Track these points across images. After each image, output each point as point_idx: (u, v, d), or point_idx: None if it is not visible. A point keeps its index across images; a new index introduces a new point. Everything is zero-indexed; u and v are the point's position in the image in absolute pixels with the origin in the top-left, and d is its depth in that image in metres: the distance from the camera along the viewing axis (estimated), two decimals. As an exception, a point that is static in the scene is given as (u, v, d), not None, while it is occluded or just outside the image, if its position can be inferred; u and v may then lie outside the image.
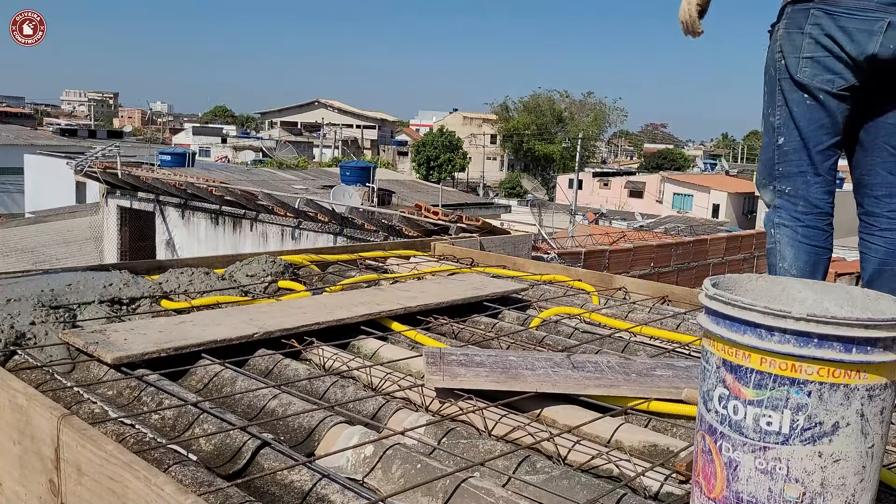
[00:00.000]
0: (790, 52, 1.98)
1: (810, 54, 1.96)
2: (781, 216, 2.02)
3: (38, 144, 28.84)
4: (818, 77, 1.97)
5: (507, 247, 4.88)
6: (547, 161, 53.08)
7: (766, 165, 2.06)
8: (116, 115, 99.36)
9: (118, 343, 2.00)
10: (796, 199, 2.00)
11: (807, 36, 1.97)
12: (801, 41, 1.97)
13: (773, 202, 2.03)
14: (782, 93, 2.00)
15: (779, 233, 2.02)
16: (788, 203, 2.01)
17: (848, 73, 1.98)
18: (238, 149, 45.30)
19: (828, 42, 1.95)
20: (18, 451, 1.63)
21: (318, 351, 2.22)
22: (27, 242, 16.28)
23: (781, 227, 2.02)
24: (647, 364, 2.09)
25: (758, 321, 1.12)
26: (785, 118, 2.00)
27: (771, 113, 2.04)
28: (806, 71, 1.97)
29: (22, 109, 65.66)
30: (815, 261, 1.99)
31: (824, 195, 2.01)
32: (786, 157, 2.01)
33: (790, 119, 1.99)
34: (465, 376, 1.87)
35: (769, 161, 2.05)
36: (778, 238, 2.02)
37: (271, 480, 1.44)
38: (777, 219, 2.02)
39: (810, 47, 1.96)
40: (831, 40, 1.95)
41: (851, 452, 1.12)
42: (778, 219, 2.02)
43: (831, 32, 1.95)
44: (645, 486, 1.46)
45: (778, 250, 2.02)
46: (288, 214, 10.95)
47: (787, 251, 2.00)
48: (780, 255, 2.02)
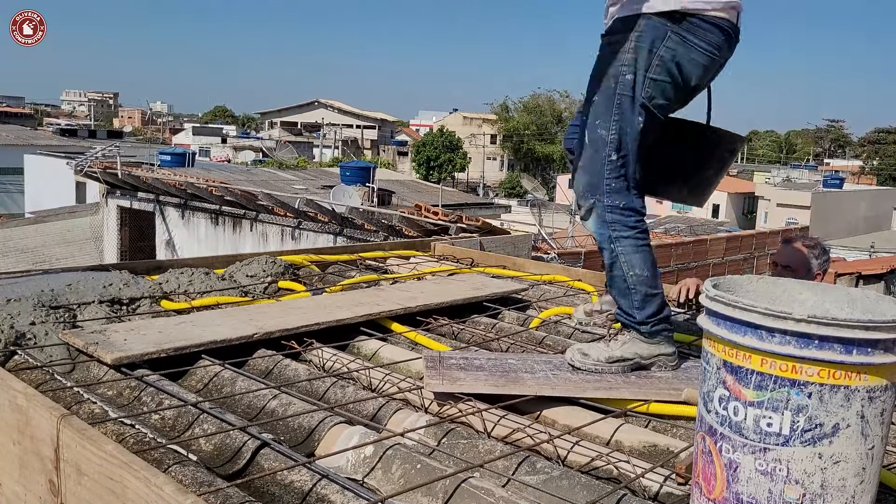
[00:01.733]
0: (639, 69, 1.96)
1: (655, 76, 1.96)
2: (617, 229, 2.03)
3: (38, 144, 28.83)
4: (655, 101, 1.98)
5: (507, 247, 4.88)
6: (547, 161, 53.08)
7: (594, 178, 2.02)
8: (116, 115, 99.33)
9: (118, 343, 2.00)
10: (628, 211, 2.03)
11: (657, 58, 1.95)
12: (651, 61, 1.96)
13: (604, 217, 2.03)
14: (620, 109, 1.98)
15: (619, 245, 2.03)
16: (621, 217, 2.03)
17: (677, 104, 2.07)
18: (238, 149, 45.29)
19: (674, 70, 1.97)
20: (18, 451, 1.63)
21: (317, 352, 2.22)
22: (27, 242, 16.28)
23: (621, 239, 2.03)
24: (647, 365, 2.09)
25: (758, 322, 1.12)
26: (620, 134, 1.98)
27: (604, 126, 2.00)
28: (648, 91, 1.97)
29: (22, 109, 65.64)
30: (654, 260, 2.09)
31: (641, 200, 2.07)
32: (618, 173, 2.01)
33: (625, 137, 1.99)
34: (464, 380, 1.86)
35: (598, 175, 2.01)
36: (620, 251, 2.04)
37: (271, 480, 1.44)
38: (613, 233, 2.04)
39: (657, 70, 1.96)
40: (678, 69, 1.97)
41: (851, 454, 1.12)
42: (615, 233, 2.04)
43: (681, 62, 1.96)
44: (645, 487, 1.46)
45: (623, 261, 2.04)
46: (288, 214, 10.95)
47: (634, 259, 2.03)
48: (627, 264, 2.04)
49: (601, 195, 2.02)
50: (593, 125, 2.03)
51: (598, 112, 2.02)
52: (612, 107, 1.99)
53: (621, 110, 1.98)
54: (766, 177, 51.57)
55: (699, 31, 1.95)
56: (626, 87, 1.97)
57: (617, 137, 1.98)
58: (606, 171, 1.99)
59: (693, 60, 1.97)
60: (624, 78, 1.97)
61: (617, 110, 1.99)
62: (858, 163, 71.67)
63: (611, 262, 2.06)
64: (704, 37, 1.96)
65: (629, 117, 1.98)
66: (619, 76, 1.98)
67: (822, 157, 79.25)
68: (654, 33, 1.95)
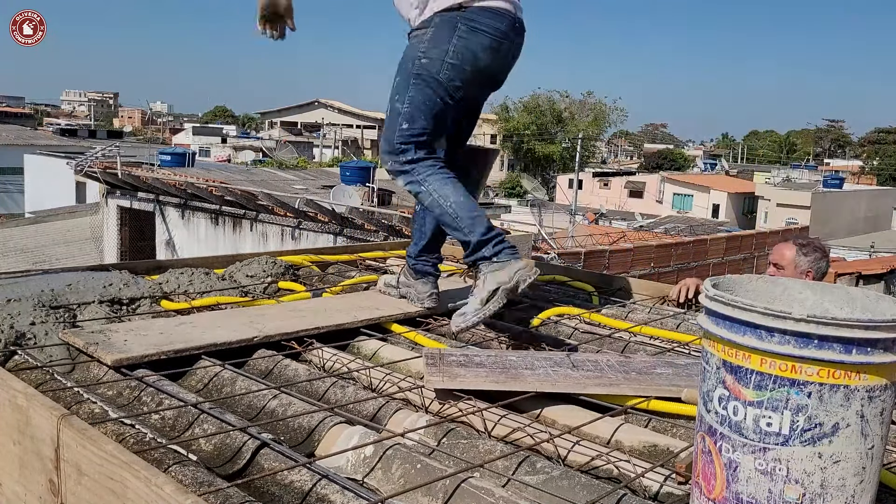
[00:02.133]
0: (435, 56, 2.29)
1: (452, 61, 2.28)
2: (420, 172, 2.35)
3: (38, 144, 28.81)
4: (453, 83, 2.30)
5: (507, 247, 4.88)
6: (547, 161, 53.06)
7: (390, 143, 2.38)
8: (116, 115, 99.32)
9: (118, 344, 2.00)
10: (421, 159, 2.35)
11: (452, 45, 2.27)
12: (447, 47, 2.28)
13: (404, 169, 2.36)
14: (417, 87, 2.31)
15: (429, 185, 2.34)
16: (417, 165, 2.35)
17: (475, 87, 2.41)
18: (238, 149, 45.26)
19: (468, 55, 2.29)
20: (18, 451, 1.63)
21: (317, 352, 2.22)
22: (27, 242, 16.28)
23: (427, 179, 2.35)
24: (646, 362, 2.09)
25: (758, 322, 1.12)
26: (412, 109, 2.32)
27: (399, 101, 2.35)
28: (446, 74, 2.28)
29: (22, 109, 65.60)
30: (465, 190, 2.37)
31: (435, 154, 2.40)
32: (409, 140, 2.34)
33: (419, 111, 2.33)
34: (464, 377, 1.87)
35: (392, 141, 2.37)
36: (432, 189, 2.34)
37: (271, 481, 1.44)
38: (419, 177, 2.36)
39: (452, 55, 2.28)
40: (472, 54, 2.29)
41: (851, 453, 1.12)
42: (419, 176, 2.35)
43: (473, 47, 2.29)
44: (645, 487, 1.46)
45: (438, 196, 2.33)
46: (288, 214, 10.95)
47: (446, 190, 2.33)
48: (443, 197, 2.33)
49: (397, 155, 2.36)
50: (393, 100, 2.39)
51: (399, 89, 2.37)
52: (408, 85, 2.33)
53: (417, 88, 2.32)
54: (766, 177, 51.57)
55: (483, 19, 2.28)
56: (423, 68, 2.30)
57: (409, 111, 2.33)
58: (401, 138, 2.34)
59: (482, 44, 2.29)
60: (420, 62, 2.31)
61: (412, 89, 2.33)
62: (858, 163, 71.70)
63: (430, 203, 2.36)
64: (489, 23, 2.29)
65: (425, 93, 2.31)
66: (416, 60, 2.31)
67: (822, 157, 79.25)
68: (447, 24, 2.29)
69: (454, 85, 2.31)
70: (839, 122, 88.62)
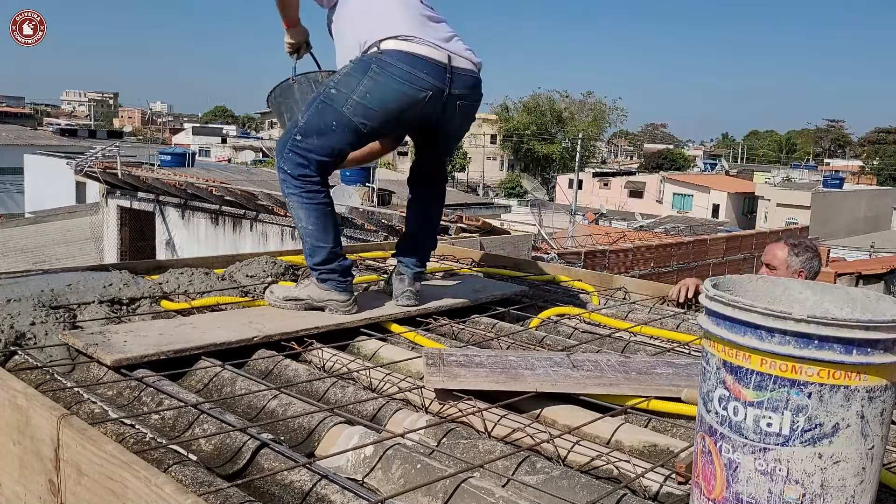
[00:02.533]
0: (344, 89, 2.41)
1: (358, 98, 2.38)
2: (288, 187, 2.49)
3: (38, 144, 28.80)
4: (357, 118, 2.41)
5: (507, 247, 4.89)
6: (547, 161, 53.06)
7: (281, 145, 2.51)
8: (116, 115, 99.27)
9: (118, 345, 2.00)
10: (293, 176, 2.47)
11: (362, 84, 2.38)
12: (357, 85, 2.39)
13: (280, 177, 2.51)
14: (318, 111, 2.45)
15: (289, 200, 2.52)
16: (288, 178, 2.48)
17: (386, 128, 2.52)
18: (238, 149, 45.28)
19: (378, 95, 2.38)
20: (18, 451, 1.63)
21: (317, 352, 2.22)
22: (27, 242, 16.27)
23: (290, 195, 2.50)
24: (646, 362, 2.09)
25: (758, 322, 1.12)
26: (307, 127, 2.45)
27: (302, 116, 2.48)
28: (350, 109, 2.39)
29: (22, 109, 65.58)
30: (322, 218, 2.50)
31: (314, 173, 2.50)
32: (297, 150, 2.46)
33: (314, 132, 2.45)
34: (464, 377, 1.87)
35: (282, 144, 2.50)
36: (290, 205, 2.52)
37: (271, 481, 1.44)
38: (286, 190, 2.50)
39: (361, 92, 2.38)
40: (381, 94, 2.38)
41: (851, 454, 1.12)
42: (286, 190, 2.50)
43: (382, 90, 2.38)
44: (645, 487, 1.46)
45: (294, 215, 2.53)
46: (288, 214, 10.92)
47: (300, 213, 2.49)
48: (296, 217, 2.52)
49: (282, 160, 2.48)
50: (299, 112, 2.55)
51: (306, 107, 2.51)
52: (311, 106, 2.47)
53: (318, 112, 2.45)
54: (766, 177, 51.58)
55: (394, 68, 2.37)
56: (330, 98, 2.43)
57: (305, 127, 2.45)
58: (289, 145, 2.46)
59: (394, 89, 2.38)
60: (329, 91, 2.45)
61: (314, 111, 2.45)
62: (858, 163, 71.69)
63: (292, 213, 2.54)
64: (398, 71, 2.37)
65: (325, 119, 2.43)
66: (327, 89, 2.46)
67: (822, 157, 79.25)
68: (362, 66, 2.40)
69: (360, 122, 2.41)
70: (839, 122, 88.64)
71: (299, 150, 2.45)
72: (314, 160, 2.46)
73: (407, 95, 2.39)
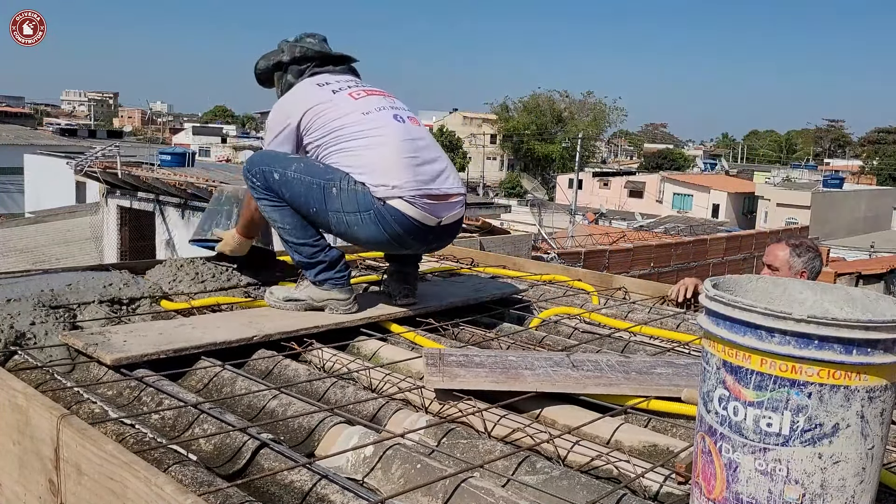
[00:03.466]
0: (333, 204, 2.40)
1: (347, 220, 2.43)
2: (258, 195, 2.48)
3: (38, 144, 28.78)
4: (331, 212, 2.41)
5: (507, 247, 4.89)
6: (547, 161, 53.06)
7: (251, 162, 2.52)
8: (116, 115, 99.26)
9: (118, 344, 2.00)
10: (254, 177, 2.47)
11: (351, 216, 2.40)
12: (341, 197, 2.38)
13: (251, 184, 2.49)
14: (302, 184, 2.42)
15: (260, 204, 2.50)
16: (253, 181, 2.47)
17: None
18: (238, 148, 45.29)
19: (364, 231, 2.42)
20: (18, 451, 1.63)
21: (317, 352, 2.22)
22: (27, 242, 16.27)
23: (261, 201, 2.48)
24: (646, 362, 2.09)
25: (758, 322, 1.12)
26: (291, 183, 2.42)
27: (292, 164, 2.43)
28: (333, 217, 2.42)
29: (22, 109, 65.53)
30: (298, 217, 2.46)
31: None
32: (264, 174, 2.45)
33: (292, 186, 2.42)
34: (464, 377, 1.87)
35: (254, 162, 2.51)
36: (263, 210, 2.50)
37: (271, 481, 1.44)
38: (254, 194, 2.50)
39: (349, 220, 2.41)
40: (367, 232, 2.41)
41: (851, 454, 1.12)
42: (255, 193, 2.49)
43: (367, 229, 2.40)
44: (645, 487, 1.46)
45: (269, 218, 2.51)
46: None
47: (274, 215, 2.47)
48: (272, 220, 2.50)
49: (249, 173, 2.47)
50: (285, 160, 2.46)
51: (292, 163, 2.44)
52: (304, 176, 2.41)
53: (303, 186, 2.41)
54: (766, 177, 51.57)
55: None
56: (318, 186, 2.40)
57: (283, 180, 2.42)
58: (260, 169, 2.44)
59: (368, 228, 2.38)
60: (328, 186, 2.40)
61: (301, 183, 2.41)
62: (858, 163, 71.66)
63: (269, 222, 2.55)
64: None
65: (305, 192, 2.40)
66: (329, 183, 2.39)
67: (822, 157, 79.24)
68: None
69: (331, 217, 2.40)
70: (839, 122, 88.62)
71: (267, 179, 2.44)
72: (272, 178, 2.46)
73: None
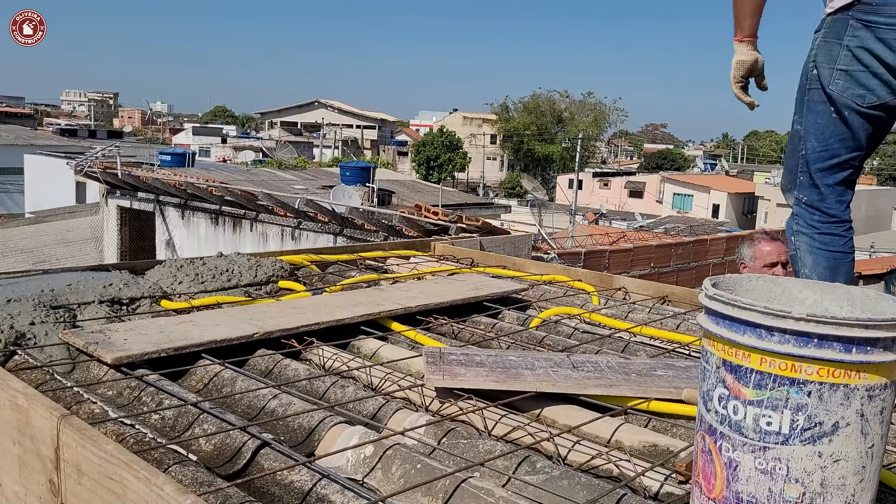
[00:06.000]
0: (824, 63, 1.95)
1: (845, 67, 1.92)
2: (800, 224, 2.06)
3: (38, 144, 28.82)
4: (849, 91, 1.93)
5: (507, 247, 4.88)
6: (547, 161, 53.08)
7: (791, 171, 2.08)
8: (116, 115, 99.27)
9: (118, 343, 2.00)
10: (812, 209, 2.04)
11: (844, 48, 1.92)
12: (838, 52, 1.93)
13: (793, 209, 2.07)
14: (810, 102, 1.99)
15: (798, 240, 2.07)
16: (805, 212, 2.04)
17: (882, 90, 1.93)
18: (238, 149, 45.29)
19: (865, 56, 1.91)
20: (18, 451, 1.63)
21: (318, 351, 2.22)
22: (27, 242, 16.28)
23: (800, 234, 2.06)
24: (646, 364, 2.09)
25: (758, 321, 1.12)
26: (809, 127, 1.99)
27: (798, 120, 2.03)
28: (839, 83, 1.94)
29: (22, 109, 65.56)
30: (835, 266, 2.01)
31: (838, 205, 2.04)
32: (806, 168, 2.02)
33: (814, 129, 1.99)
34: (464, 376, 1.87)
35: (793, 168, 2.06)
36: (798, 245, 2.07)
37: (271, 480, 1.44)
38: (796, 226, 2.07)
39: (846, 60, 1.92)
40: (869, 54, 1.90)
41: (851, 452, 1.12)
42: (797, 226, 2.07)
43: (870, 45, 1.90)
44: (645, 486, 1.46)
45: (799, 257, 2.07)
46: (288, 214, 10.95)
47: (806, 258, 2.04)
48: (801, 261, 2.06)
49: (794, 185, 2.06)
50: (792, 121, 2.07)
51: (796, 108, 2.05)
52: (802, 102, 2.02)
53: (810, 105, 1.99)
54: (766, 177, 51.52)
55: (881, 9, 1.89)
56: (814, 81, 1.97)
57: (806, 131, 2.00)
58: (800, 164, 2.02)
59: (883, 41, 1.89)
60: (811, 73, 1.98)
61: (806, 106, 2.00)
62: (858, 163, 71.52)
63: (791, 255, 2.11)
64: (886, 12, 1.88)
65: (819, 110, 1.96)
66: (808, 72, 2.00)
67: (822, 157, 79.08)
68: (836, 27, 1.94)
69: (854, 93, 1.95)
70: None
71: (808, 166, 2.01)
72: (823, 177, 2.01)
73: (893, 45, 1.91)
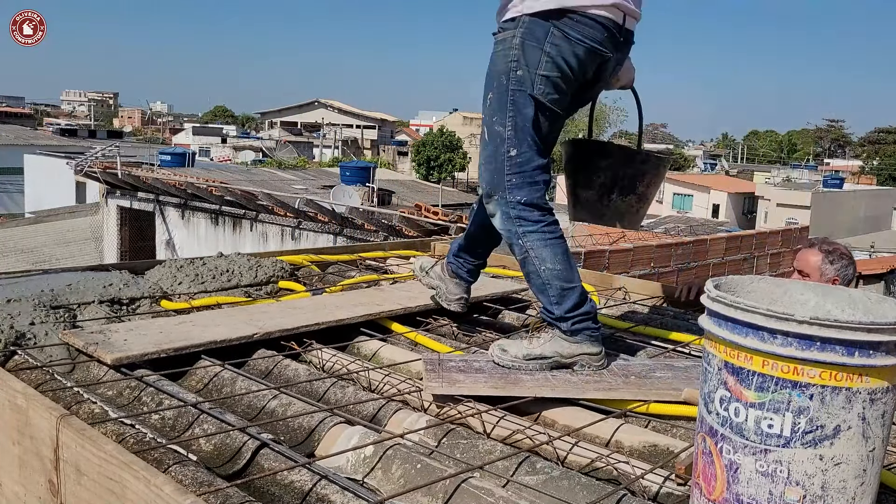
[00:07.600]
0: (526, 66, 2.01)
1: (546, 73, 2.00)
2: (524, 224, 2.06)
3: (38, 144, 28.82)
4: (550, 96, 2.02)
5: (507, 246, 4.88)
6: (547, 161, 53.01)
7: (496, 174, 2.06)
8: (116, 115, 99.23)
9: (118, 344, 2.00)
10: (532, 207, 2.06)
11: (545, 54, 2.00)
12: (539, 58, 2.00)
13: (508, 214, 2.06)
14: (515, 105, 2.02)
15: (528, 240, 2.06)
16: (526, 212, 2.05)
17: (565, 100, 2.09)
18: (238, 149, 45.28)
19: (562, 65, 2.01)
20: (18, 451, 1.63)
21: (317, 352, 2.22)
22: (27, 242, 16.28)
23: (527, 234, 2.06)
24: (646, 365, 2.09)
25: (760, 324, 1.11)
26: (517, 130, 2.02)
27: (500, 122, 2.04)
28: (541, 88, 2.01)
29: (22, 109, 65.54)
30: (566, 249, 2.10)
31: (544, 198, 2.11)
32: (519, 169, 2.04)
33: (523, 132, 2.02)
34: (463, 382, 1.86)
35: (499, 170, 2.05)
36: (529, 245, 2.06)
37: (271, 481, 1.44)
38: (520, 229, 2.06)
39: (548, 66, 2.00)
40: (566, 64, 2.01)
41: (852, 456, 1.12)
42: (521, 228, 2.06)
43: (566, 57, 2.00)
44: (645, 488, 1.46)
45: (534, 256, 2.07)
46: (288, 214, 10.95)
47: (544, 252, 2.06)
48: (538, 259, 2.07)
49: (503, 192, 2.05)
50: (491, 122, 2.07)
51: (494, 109, 2.06)
52: (506, 103, 2.03)
53: (516, 106, 2.02)
54: (766, 177, 51.57)
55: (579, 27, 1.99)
56: (518, 83, 2.01)
57: (513, 133, 2.02)
58: (506, 167, 2.03)
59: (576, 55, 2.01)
60: (515, 74, 2.01)
61: (511, 106, 2.02)
62: (858, 163, 71.63)
63: (522, 258, 2.09)
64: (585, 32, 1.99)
65: (524, 112, 2.01)
66: (510, 72, 2.02)
67: (822, 157, 79.23)
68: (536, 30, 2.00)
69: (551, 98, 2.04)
70: (839, 122, 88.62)
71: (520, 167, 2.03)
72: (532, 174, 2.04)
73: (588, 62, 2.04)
